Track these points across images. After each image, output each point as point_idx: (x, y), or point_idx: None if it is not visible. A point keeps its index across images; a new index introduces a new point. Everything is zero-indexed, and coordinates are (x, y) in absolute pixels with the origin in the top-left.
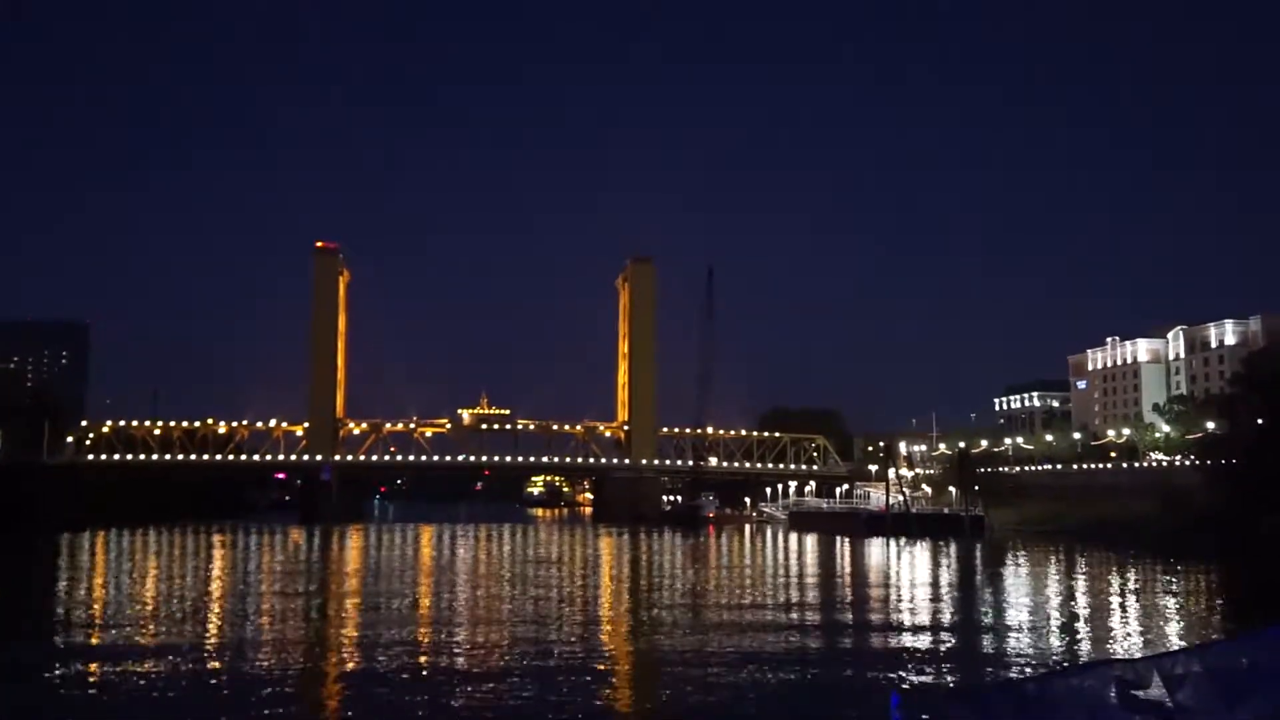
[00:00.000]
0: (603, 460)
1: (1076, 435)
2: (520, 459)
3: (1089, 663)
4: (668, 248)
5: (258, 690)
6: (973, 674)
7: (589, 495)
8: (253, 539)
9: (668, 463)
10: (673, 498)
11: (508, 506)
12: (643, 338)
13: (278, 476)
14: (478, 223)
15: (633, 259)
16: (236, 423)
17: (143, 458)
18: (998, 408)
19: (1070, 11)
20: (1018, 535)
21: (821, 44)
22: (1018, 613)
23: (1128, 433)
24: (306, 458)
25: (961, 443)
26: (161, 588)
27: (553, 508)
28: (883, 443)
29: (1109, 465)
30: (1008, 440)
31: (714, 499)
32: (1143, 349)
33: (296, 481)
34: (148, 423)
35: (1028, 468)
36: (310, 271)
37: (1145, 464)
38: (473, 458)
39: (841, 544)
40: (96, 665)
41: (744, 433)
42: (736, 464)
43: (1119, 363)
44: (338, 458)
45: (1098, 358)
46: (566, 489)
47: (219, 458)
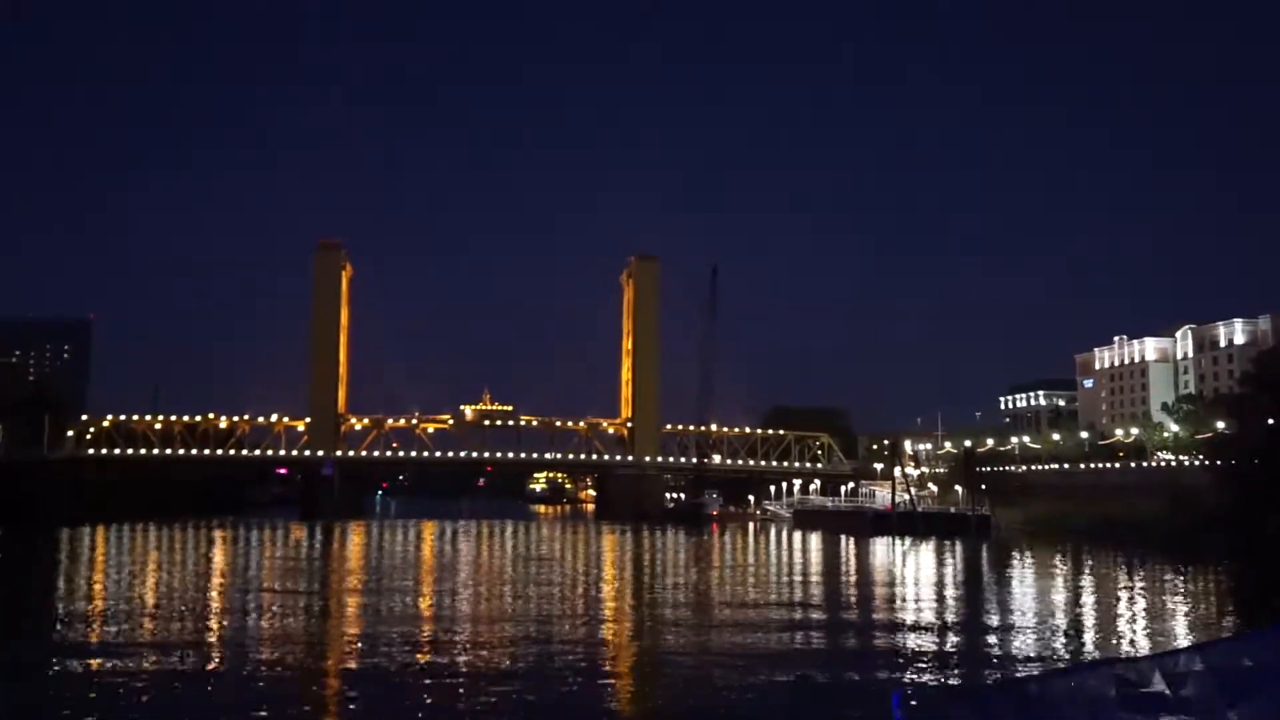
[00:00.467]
0: (606, 457)
1: (1084, 434)
2: (523, 455)
3: (1090, 662)
4: (668, 248)
5: (258, 688)
6: (978, 674)
7: (592, 492)
8: (254, 535)
9: (671, 460)
10: (676, 495)
11: (510, 503)
12: (646, 334)
13: (279, 472)
14: (478, 222)
15: (636, 256)
16: (238, 418)
17: (143, 453)
18: (1002, 406)
19: (1070, 11)
20: (1024, 535)
21: (821, 44)
22: (1024, 613)
23: (1136, 432)
24: (308, 453)
25: (967, 441)
26: (162, 584)
27: (555, 505)
28: (887, 441)
29: (1117, 465)
30: (1014, 439)
31: (718, 497)
32: (1150, 348)
33: (298, 477)
34: (148, 418)
35: (1034, 467)
36: (311, 268)
37: (1153, 464)
38: (475, 454)
39: (847, 543)
40: (96, 663)
41: (748, 430)
42: (740, 462)
43: (1126, 362)
44: (339, 453)
45: (1105, 356)
46: (569, 486)
47: (220, 453)
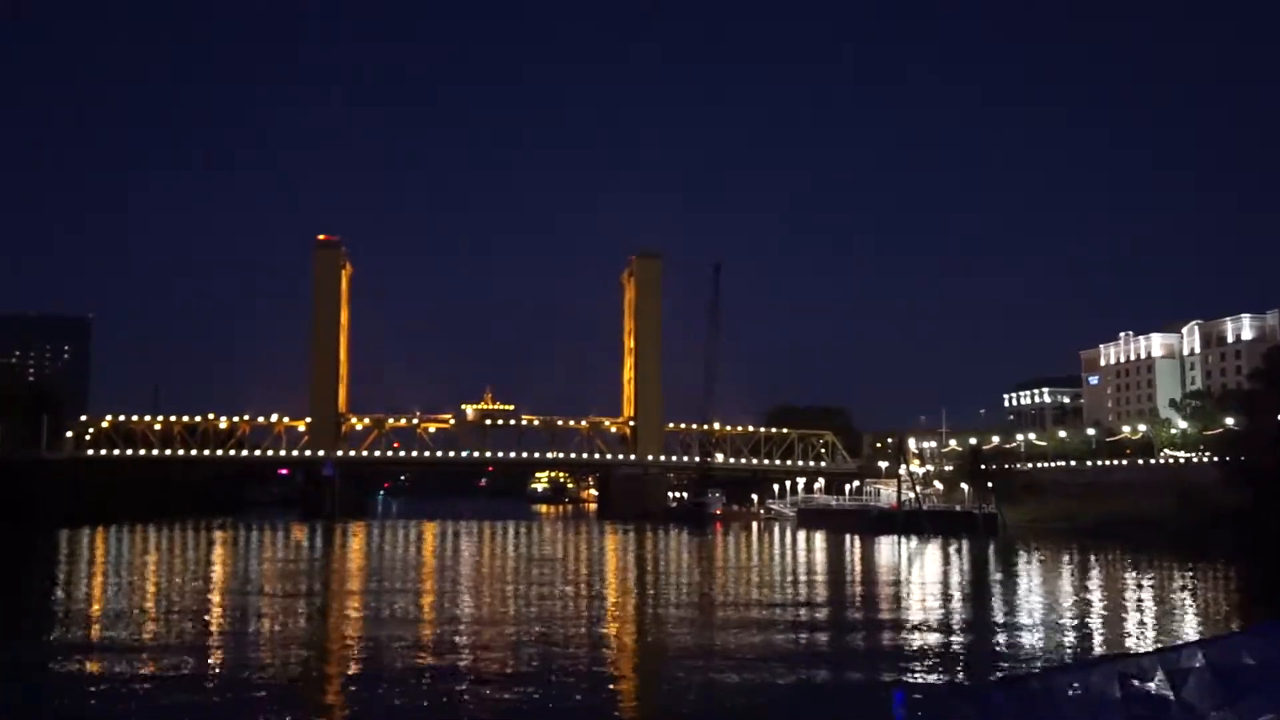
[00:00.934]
0: (608, 456)
1: (1091, 431)
2: (524, 455)
3: (1092, 659)
4: (668, 248)
5: (258, 689)
6: (983, 673)
7: (594, 492)
8: (254, 535)
9: (674, 459)
10: (679, 494)
11: (512, 503)
12: (648, 332)
13: (280, 472)
14: (479, 221)
15: (638, 254)
16: (238, 418)
17: (143, 453)
18: (1007, 404)
19: (1070, 11)
20: (1031, 533)
21: (821, 44)
22: (1032, 612)
23: (1143, 429)
24: (309, 453)
25: (973, 439)
26: (162, 585)
27: (557, 504)
28: (891, 439)
29: (1123, 462)
30: (1019, 436)
31: (721, 496)
32: (1157, 344)
33: (298, 477)
34: (148, 418)
35: (1040, 464)
36: (311, 267)
37: (1161, 461)
38: (476, 454)
39: (852, 542)
40: (96, 663)
41: (751, 429)
42: (743, 460)
43: (1132, 358)
44: (340, 453)
45: (1110, 353)
46: (571, 485)
47: (220, 453)
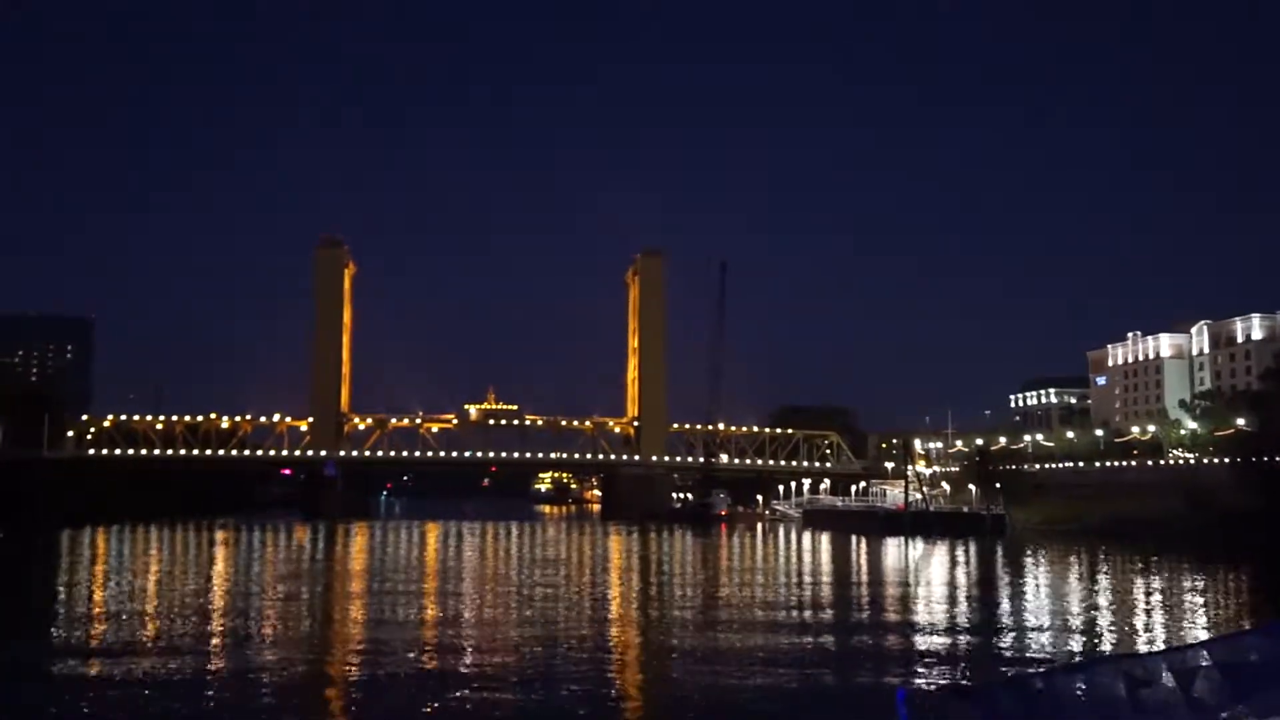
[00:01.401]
0: (612, 457)
1: (1099, 432)
2: (528, 455)
3: (1097, 658)
4: (672, 247)
5: (259, 690)
6: (988, 674)
7: (598, 492)
8: (256, 536)
9: (678, 459)
10: (683, 495)
11: (515, 503)
12: (652, 331)
13: (282, 472)
14: (480, 221)
15: (642, 252)
16: (240, 418)
17: (145, 453)
18: (1013, 404)
19: (1070, 11)
20: (1039, 534)
21: (821, 44)
22: (1040, 614)
23: (1152, 429)
24: (311, 453)
25: (980, 439)
26: (163, 585)
27: (561, 505)
28: (897, 440)
29: (1132, 463)
30: (1026, 437)
31: (725, 496)
32: (1165, 344)
33: (300, 477)
34: (149, 418)
35: (1048, 465)
36: (313, 265)
37: (1170, 461)
38: (479, 454)
39: (859, 543)
40: (97, 664)
41: (755, 429)
42: (748, 461)
43: (1140, 358)
44: (342, 453)
45: (1118, 353)
46: (575, 486)
47: (222, 453)
